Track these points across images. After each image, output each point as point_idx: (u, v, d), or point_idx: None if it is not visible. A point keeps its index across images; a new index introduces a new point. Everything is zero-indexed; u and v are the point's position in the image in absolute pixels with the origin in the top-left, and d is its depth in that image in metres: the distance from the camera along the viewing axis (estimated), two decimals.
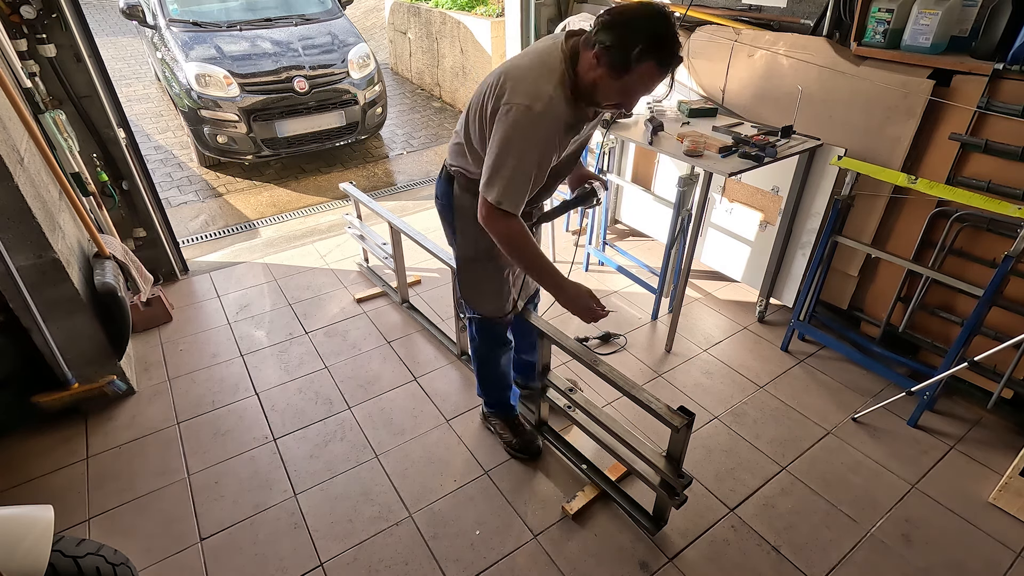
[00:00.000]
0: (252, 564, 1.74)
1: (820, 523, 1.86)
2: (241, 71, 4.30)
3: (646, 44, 1.26)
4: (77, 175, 2.31)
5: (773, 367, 2.51)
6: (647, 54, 1.27)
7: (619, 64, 1.29)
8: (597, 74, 1.33)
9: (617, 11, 1.29)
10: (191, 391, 2.39)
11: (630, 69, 1.29)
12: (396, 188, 4.60)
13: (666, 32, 1.27)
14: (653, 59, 1.28)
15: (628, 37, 1.26)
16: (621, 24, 1.27)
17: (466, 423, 2.23)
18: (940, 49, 2.09)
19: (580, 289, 1.55)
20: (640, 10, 1.28)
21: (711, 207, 2.92)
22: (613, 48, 1.28)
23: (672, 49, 1.29)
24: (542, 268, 1.50)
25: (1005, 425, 2.21)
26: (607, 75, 1.32)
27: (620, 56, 1.28)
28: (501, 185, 1.38)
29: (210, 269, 3.23)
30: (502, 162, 1.37)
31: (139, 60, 8.02)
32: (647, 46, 1.26)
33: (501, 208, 1.39)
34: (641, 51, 1.26)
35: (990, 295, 1.94)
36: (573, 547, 1.79)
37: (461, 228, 1.69)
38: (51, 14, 2.29)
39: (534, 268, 1.51)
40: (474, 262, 1.72)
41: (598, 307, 1.55)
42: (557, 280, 1.52)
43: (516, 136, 1.35)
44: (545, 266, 1.50)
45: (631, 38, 1.26)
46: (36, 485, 1.98)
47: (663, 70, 1.31)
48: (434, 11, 6.23)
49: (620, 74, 1.30)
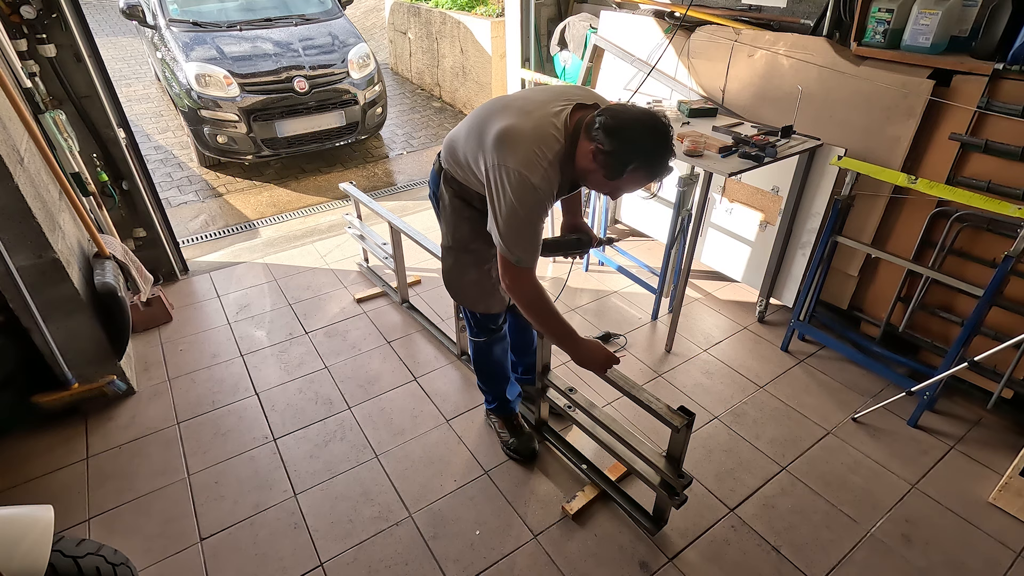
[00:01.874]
0: (252, 564, 1.74)
1: (820, 523, 1.86)
2: (241, 71, 4.30)
3: (641, 162, 1.34)
4: (77, 175, 2.31)
5: (773, 367, 2.51)
6: (640, 169, 1.36)
7: (612, 171, 1.37)
8: (591, 167, 1.40)
9: (619, 116, 1.34)
10: (191, 391, 2.39)
11: (621, 175, 1.37)
12: (396, 188, 4.60)
13: (663, 151, 1.35)
14: (644, 173, 1.38)
15: (625, 151, 1.33)
16: (621, 135, 1.32)
17: (466, 423, 2.23)
18: (940, 49, 2.09)
19: (592, 345, 1.61)
20: (641, 124, 1.34)
21: (711, 207, 2.92)
22: (610, 155, 1.34)
23: (665, 164, 1.37)
24: (560, 329, 1.56)
25: (1005, 425, 2.21)
26: (600, 172, 1.39)
27: (615, 165, 1.35)
28: (515, 250, 1.45)
29: (210, 269, 3.23)
30: (517, 230, 1.43)
31: (139, 60, 8.02)
32: (642, 163, 1.35)
33: (522, 267, 1.47)
34: (636, 167, 1.35)
35: (990, 295, 1.94)
36: (573, 547, 1.79)
37: (444, 217, 1.74)
38: (51, 14, 2.29)
39: (552, 330, 1.57)
40: (450, 251, 1.76)
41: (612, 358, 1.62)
42: (574, 341, 1.57)
43: (518, 202, 1.40)
44: (564, 328, 1.56)
45: (628, 152, 1.33)
46: (36, 485, 1.98)
47: (654, 180, 1.42)
48: (434, 11, 6.23)
49: (612, 177, 1.39)
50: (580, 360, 1.61)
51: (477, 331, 1.93)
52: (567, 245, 1.84)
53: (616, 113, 1.35)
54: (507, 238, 1.44)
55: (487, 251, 1.69)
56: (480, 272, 1.74)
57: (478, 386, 2.16)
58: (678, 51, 2.88)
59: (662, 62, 2.86)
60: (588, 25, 3.48)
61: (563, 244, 1.84)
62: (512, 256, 1.46)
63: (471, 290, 1.79)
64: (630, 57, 3.06)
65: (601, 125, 1.34)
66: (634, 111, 1.37)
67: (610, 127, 1.33)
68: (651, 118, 1.35)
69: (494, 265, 1.73)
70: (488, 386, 2.10)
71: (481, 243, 1.67)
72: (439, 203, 1.75)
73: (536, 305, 1.53)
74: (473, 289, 1.79)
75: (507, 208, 1.41)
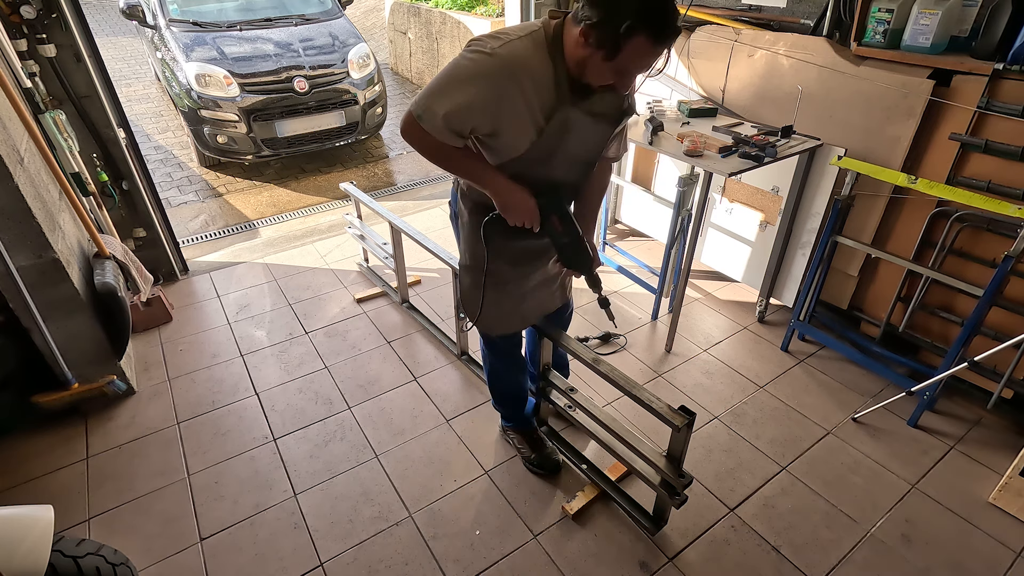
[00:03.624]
0: (252, 564, 1.74)
1: (820, 523, 1.86)
2: (241, 71, 4.30)
3: (635, 17, 1.12)
4: (77, 175, 2.31)
5: (773, 367, 2.51)
6: (637, 28, 1.12)
7: (607, 42, 1.15)
8: (585, 53, 1.20)
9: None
10: (191, 391, 2.39)
11: (619, 47, 1.15)
12: (396, 188, 4.60)
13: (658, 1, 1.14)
14: (644, 33, 1.13)
15: (614, 10, 1.12)
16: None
17: (466, 423, 2.23)
18: (940, 49, 2.09)
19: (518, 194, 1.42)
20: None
21: (711, 207, 2.92)
22: (599, 24, 1.14)
23: (666, 19, 1.14)
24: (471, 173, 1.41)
25: (1005, 425, 2.21)
26: (595, 54, 1.19)
27: (607, 33, 1.14)
28: (425, 102, 1.27)
29: (210, 269, 3.23)
30: (436, 82, 1.26)
31: (139, 60, 8.02)
32: (636, 19, 1.12)
33: (420, 123, 1.29)
34: (630, 26, 1.12)
35: (990, 295, 1.94)
36: (573, 547, 1.79)
37: (462, 237, 1.67)
38: (51, 14, 2.29)
39: (462, 170, 1.42)
40: (467, 269, 1.68)
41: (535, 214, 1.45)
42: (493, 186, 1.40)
43: (460, 62, 1.24)
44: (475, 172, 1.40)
45: (618, 11, 1.12)
46: (36, 485, 1.98)
47: (658, 45, 1.17)
48: (434, 11, 6.24)
49: (611, 54, 1.17)
50: (502, 207, 1.43)
51: (492, 353, 1.87)
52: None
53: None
54: (425, 90, 1.26)
55: (507, 271, 1.62)
56: (499, 293, 1.65)
57: (493, 405, 2.12)
58: (678, 51, 2.88)
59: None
60: None
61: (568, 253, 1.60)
62: (415, 107, 1.27)
63: (489, 310, 1.69)
64: None
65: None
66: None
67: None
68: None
69: (514, 286, 1.66)
70: (503, 406, 2.06)
71: (501, 263, 1.60)
72: (458, 220, 1.66)
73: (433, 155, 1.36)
74: (491, 310, 1.68)
75: (448, 67, 1.25)
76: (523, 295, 1.69)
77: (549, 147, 1.36)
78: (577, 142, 1.40)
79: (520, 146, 1.34)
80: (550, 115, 1.30)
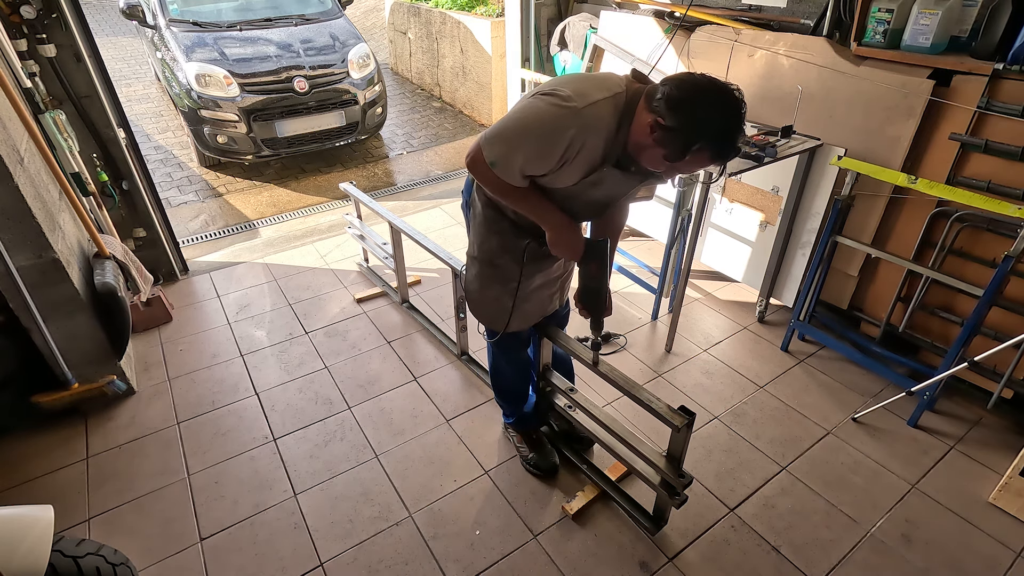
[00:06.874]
0: (252, 564, 1.74)
1: (820, 523, 1.86)
2: (241, 71, 4.30)
3: (708, 139, 1.16)
4: (77, 175, 2.31)
5: (773, 367, 2.51)
6: (706, 149, 1.18)
7: (673, 149, 1.19)
8: (647, 141, 1.23)
9: (687, 87, 1.17)
10: (191, 391, 2.39)
11: (684, 156, 1.19)
12: (396, 188, 4.60)
13: (734, 128, 1.16)
14: (711, 152, 1.19)
15: (690, 128, 1.16)
16: (688, 110, 1.16)
17: (466, 423, 2.23)
18: (940, 49, 2.09)
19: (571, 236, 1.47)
20: (712, 97, 1.16)
21: (711, 207, 2.92)
22: (672, 131, 1.17)
23: (734, 146, 1.18)
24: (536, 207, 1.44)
25: (1005, 425, 2.21)
26: (657, 150, 1.22)
27: (677, 143, 1.18)
28: (502, 150, 1.29)
29: (210, 269, 3.23)
30: (514, 130, 1.27)
31: (139, 60, 8.01)
32: (709, 141, 1.17)
33: (493, 169, 1.33)
34: (700, 147, 1.17)
35: (990, 295, 1.94)
36: (573, 547, 1.79)
37: (473, 227, 1.67)
38: (51, 14, 2.29)
39: (524, 206, 1.44)
40: (474, 260, 1.70)
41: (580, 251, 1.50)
42: (552, 224, 1.45)
43: (541, 113, 1.24)
44: (540, 205, 1.43)
45: (696, 131, 1.16)
46: (36, 485, 1.98)
47: (717, 162, 1.23)
48: (434, 11, 6.23)
49: (673, 158, 1.21)
50: (553, 242, 1.48)
51: (495, 346, 1.87)
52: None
53: (682, 83, 1.18)
54: (495, 131, 1.27)
55: (514, 269, 1.61)
56: (503, 290, 1.65)
57: (495, 400, 2.12)
58: (678, 51, 2.88)
59: (662, 62, 2.85)
60: (588, 25, 3.48)
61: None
62: (489, 152, 1.29)
63: (491, 306, 1.70)
64: (630, 57, 3.06)
65: (664, 96, 1.17)
66: (703, 81, 1.19)
67: (674, 99, 1.16)
68: (722, 90, 1.17)
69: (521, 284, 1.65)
70: (504, 401, 2.06)
71: (508, 259, 1.60)
72: (471, 211, 1.66)
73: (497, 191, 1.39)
74: (493, 305, 1.69)
75: (520, 108, 1.25)
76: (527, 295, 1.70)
77: (577, 191, 1.42)
78: (603, 191, 1.45)
79: (555, 184, 1.38)
80: (593, 170, 1.35)
